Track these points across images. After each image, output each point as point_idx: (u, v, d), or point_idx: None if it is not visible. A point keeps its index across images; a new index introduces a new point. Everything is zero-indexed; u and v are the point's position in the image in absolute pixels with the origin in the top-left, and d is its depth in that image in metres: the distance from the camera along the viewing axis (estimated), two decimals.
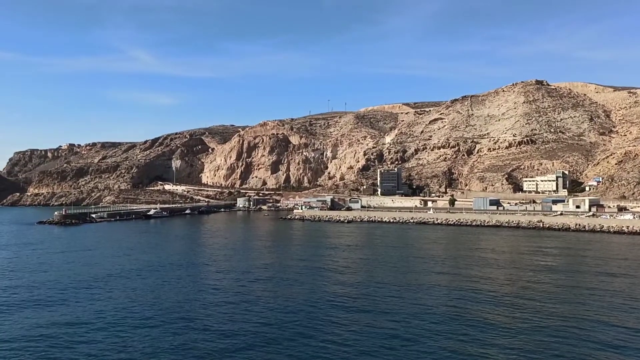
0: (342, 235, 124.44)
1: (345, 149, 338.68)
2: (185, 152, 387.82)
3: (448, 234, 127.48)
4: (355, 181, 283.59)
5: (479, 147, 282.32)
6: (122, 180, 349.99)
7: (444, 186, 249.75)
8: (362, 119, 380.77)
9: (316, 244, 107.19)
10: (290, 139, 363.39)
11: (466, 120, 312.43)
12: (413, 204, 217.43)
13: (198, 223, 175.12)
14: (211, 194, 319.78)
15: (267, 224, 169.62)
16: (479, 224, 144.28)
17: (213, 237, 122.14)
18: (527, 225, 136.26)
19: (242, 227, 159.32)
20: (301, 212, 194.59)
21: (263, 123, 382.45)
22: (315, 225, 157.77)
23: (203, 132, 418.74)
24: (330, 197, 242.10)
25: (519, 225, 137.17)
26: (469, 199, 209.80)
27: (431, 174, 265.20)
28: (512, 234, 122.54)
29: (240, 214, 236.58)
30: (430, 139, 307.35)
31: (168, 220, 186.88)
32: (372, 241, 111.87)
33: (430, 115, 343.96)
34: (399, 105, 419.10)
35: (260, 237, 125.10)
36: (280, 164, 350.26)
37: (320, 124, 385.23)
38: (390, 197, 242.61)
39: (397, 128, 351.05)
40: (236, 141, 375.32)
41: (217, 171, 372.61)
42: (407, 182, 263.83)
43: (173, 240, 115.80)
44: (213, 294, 55.84)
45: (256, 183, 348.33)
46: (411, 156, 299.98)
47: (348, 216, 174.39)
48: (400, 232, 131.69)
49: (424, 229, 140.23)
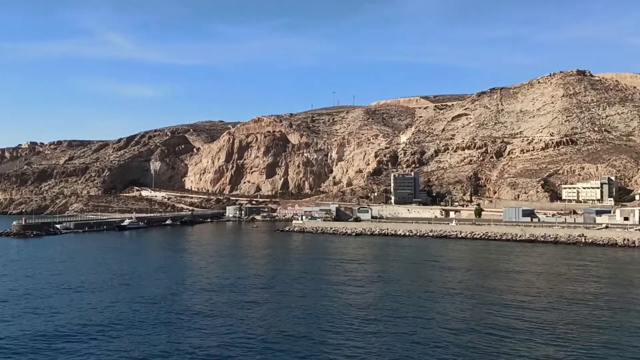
0: (349, 251, 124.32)
1: (353, 149, 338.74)
2: (166, 153, 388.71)
3: (473, 249, 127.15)
4: (365, 187, 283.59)
5: (510, 148, 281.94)
6: (92, 185, 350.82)
7: (468, 194, 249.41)
8: (373, 115, 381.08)
9: (319, 261, 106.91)
10: (289, 137, 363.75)
11: (495, 117, 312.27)
12: (432, 215, 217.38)
13: (180, 235, 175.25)
14: (196, 201, 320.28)
15: (262, 237, 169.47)
16: (510, 238, 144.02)
17: (197, 254, 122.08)
18: (566, 240, 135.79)
19: (231, 241, 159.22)
20: (301, 223, 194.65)
21: (257, 119, 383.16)
22: (318, 239, 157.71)
23: (187, 129, 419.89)
24: (335, 206, 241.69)
25: (557, 240, 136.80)
26: (498, 208, 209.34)
27: (454, 179, 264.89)
28: (548, 251, 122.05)
29: (230, 225, 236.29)
30: (453, 139, 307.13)
31: (145, 232, 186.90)
32: (385, 258, 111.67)
33: (453, 110, 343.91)
34: (416, 99, 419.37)
35: (253, 252, 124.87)
36: (277, 167, 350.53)
37: (324, 121, 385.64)
38: (406, 206, 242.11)
39: (414, 125, 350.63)
40: (225, 140, 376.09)
41: (203, 175, 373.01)
42: (426, 188, 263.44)
43: (150, 257, 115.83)
44: (199, 338, 52.69)
45: (249, 189, 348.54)
46: (430, 158, 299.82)
47: (356, 228, 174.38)
48: (417, 247, 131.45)
49: (445, 243, 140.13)
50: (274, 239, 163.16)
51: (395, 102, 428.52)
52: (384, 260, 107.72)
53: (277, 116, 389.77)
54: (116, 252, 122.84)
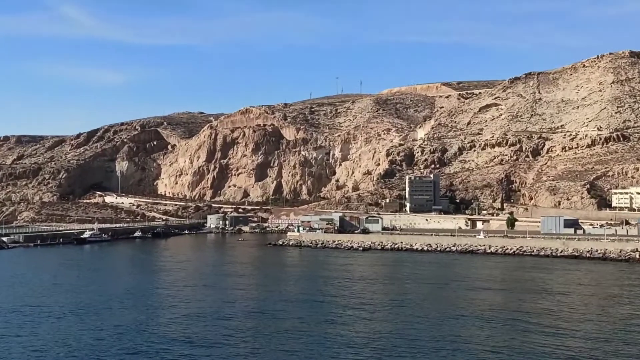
0: (355, 269, 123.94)
1: (360, 146, 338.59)
2: (134, 151, 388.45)
3: (505, 266, 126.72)
4: (375, 192, 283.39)
5: (549, 145, 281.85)
6: (46, 190, 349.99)
7: (499, 200, 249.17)
8: (384, 105, 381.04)
9: (319, 281, 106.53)
10: (283, 132, 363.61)
11: (531, 107, 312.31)
12: (456, 225, 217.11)
13: (152, 250, 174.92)
14: (171, 209, 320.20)
15: (250, 253, 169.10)
16: (550, 253, 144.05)
17: (172, 273, 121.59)
18: (617, 256, 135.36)
19: (214, 257, 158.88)
20: (298, 236, 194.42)
21: (245, 110, 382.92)
22: (318, 254, 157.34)
23: (160, 121, 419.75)
24: (339, 215, 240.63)
25: (606, 256, 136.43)
26: (534, 218, 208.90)
27: (482, 182, 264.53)
28: (596, 268, 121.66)
29: (212, 238, 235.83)
30: (481, 134, 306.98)
31: (110, 247, 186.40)
32: (399, 277, 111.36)
33: (481, 99, 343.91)
34: (436, 86, 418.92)
35: (240, 271, 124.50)
36: (269, 168, 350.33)
37: (326, 112, 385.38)
38: (424, 215, 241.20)
39: (434, 118, 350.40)
40: (207, 135, 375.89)
41: (180, 177, 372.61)
42: (448, 194, 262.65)
43: (115, 278, 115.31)
44: None
45: (234, 194, 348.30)
46: (454, 157, 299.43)
47: (364, 241, 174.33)
48: (438, 265, 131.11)
49: (471, 260, 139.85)
50: (264, 254, 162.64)
51: (411, 89, 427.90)
52: (398, 280, 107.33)
53: (269, 107, 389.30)
54: (74, 271, 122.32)
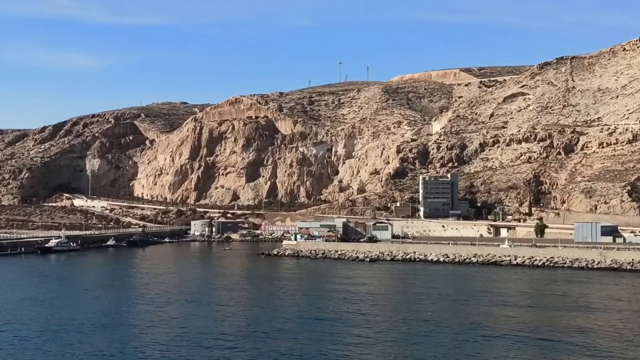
0: (361, 283, 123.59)
1: (367, 142, 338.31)
2: (107, 147, 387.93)
3: (534, 280, 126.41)
4: (384, 195, 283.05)
5: (584, 140, 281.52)
6: (5, 192, 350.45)
7: (526, 204, 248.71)
8: (394, 94, 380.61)
9: (319, 297, 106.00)
10: (279, 125, 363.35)
11: (564, 97, 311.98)
12: (477, 233, 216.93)
13: (127, 262, 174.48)
14: (149, 214, 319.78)
15: (240, 264, 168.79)
16: (585, 265, 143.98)
17: (150, 288, 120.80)
18: None
19: (197, 270, 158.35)
20: (295, 245, 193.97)
21: (234, 100, 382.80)
22: (318, 266, 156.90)
23: (137, 113, 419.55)
24: (342, 221, 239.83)
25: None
26: (567, 224, 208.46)
27: (506, 183, 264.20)
28: (638, 283, 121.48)
29: (197, 247, 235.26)
30: (506, 127, 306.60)
31: (78, 257, 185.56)
32: (412, 292, 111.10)
33: (506, 88, 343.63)
34: (454, 72, 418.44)
35: (229, 285, 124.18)
36: (262, 167, 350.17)
37: (327, 102, 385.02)
38: (440, 220, 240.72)
39: (452, 109, 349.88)
40: (190, 129, 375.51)
41: (159, 177, 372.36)
42: (468, 196, 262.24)
43: (83, 295, 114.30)
44: None
45: (222, 197, 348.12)
46: (474, 155, 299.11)
47: (371, 251, 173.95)
48: (456, 277, 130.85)
49: (494, 272, 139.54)
50: (256, 265, 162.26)
51: (426, 76, 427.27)
52: (411, 296, 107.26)
53: (262, 96, 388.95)
54: (36, 286, 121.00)
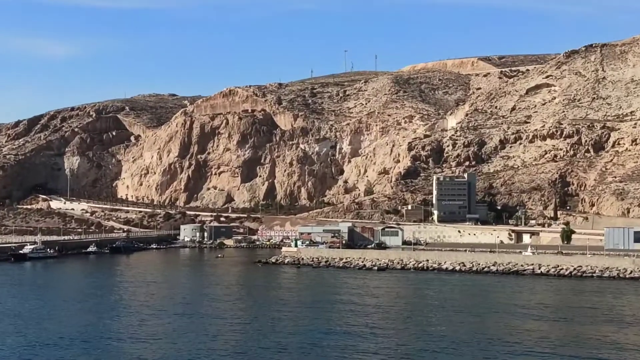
0: (368, 294, 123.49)
1: (375, 138, 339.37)
2: (88, 143, 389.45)
3: (560, 290, 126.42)
4: (393, 197, 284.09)
5: (615, 136, 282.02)
6: None
7: (551, 207, 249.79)
8: (405, 85, 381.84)
9: (322, 310, 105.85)
10: (277, 119, 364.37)
11: (593, 89, 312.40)
12: (497, 239, 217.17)
13: (110, 271, 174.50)
14: (134, 217, 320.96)
15: (234, 273, 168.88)
16: (616, 274, 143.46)
17: (136, 301, 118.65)
18: None
19: (187, 279, 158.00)
20: (295, 252, 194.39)
21: (228, 91, 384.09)
22: (321, 276, 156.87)
23: (121, 106, 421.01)
24: (347, 225, 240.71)
25: None
26: (597, 229, 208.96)
27: (529, 184, 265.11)
28: None
29: (187, 254, 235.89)
30: (529, 122, 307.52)
31: (56, 265, 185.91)
32: (425, 304, 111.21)
33: (529, 78, 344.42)
34: (472, 61, 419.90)
35: (219, 297, 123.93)
36: (259, 165, 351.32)
37: (331, 94, 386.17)
38: (456, 225, 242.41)
39: (469, 102, 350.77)
40: (180, 123, 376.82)
41: (146, 177, 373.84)
42: (487, 199, 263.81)
43: (60, 307, 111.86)
44: None
45: (215, 199, 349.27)
46: (494, 152, 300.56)
47: (380, 259, 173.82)
48: (473, 288, 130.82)
49: (516, 282, 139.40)
50: (252, 275, 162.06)
51: (440, 65, 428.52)
52: (424, 308, 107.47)
53: (259, 87, 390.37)
54: (10, 297, 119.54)
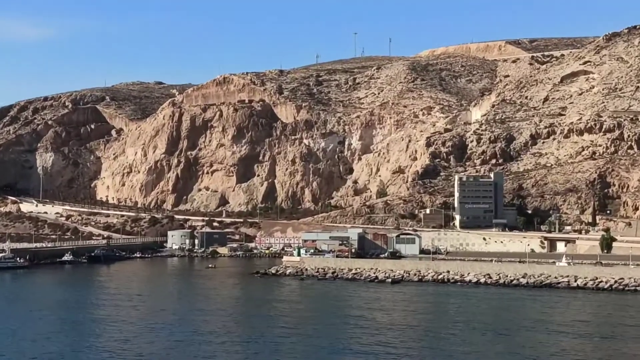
0: (381, 310, 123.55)
1: (389, 132, 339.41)
2: (63, 137, 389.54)
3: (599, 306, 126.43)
4: (410, 199, 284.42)
5: None
6: None
7: (589, 210, 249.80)
8: (423, 72, 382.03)
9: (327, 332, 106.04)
10: (278, 111, 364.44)
11: (637, 76, 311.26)
12: (527, 247, 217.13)
13: (87, 284, 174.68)
14: (116, 221, 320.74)
15: (229, 286, 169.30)
16: None
17: (116, 323, 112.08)
18: None
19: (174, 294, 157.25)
20: (298, 262, 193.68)
21: (223, 79, 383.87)
22: (327, 289, 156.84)
23: (100, 96, 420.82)
24: (357, 232, 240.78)
25: None
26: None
27: (564, 185, 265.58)
28: None
29: (175, 264, 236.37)
30: (564, 114, 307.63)
31: (26, 276, 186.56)
32: (443, 322, 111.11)
33: (564, 65, 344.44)
34: (499, 45, 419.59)
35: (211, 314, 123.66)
36: (257, 164, 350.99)
37: (339, 83, 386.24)
38: (481, 232, 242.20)
39: (496, 91, 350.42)
40: (167, 116, 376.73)
41: (129, 176, 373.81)
42: (516, 201, 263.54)
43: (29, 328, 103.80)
44: None
45: (207, 201, 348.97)
46: (523, 149, 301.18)
47: (394, 270, 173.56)
48: (500, 304, 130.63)
49: (549, 296, 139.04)
50: (249, 288, 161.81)
51: (463, 50, 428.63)
52: (444, 325, 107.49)
53: (257, 75, 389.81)
54: None
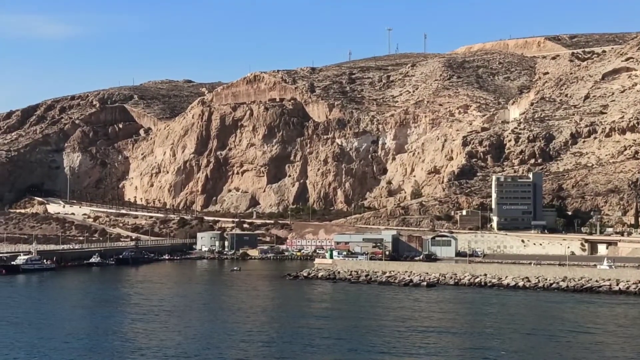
0: (416, 315, 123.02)
1: (423, 131, 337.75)
2: (91, 137, 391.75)
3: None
4: (446, 200, 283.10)
5: None
6: None
7: (632, 212, 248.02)
8: (459, 70, 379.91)
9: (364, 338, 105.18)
10: (310, 110, 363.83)
11: None
12: (567, 249, 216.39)
13: (115, 285, 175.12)
14: (144, 223, 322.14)
15: (259, 290, 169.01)
16: None
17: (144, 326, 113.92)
18: None
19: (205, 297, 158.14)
20: (330, 264, 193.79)
21: (253, 77, 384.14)
22: (360, 293, 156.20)
23: (129, 94, 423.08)
24: (391, 234, 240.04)
25: None
26: None
27: (606, 186, 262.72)
28: None
29: (204, 267, 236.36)
30: (605, 113, 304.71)
31: (53, 279, 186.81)
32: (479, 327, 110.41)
33: (605, 61, 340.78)
34: (538, 41, 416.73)
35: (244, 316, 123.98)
36: (289, 164, 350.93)
37: (372, 81, 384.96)
38: (519, 234, 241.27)
39: (535, 88, 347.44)
40: (197, 115, 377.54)
41: (157, 176, 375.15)
42: (556, 202, 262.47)
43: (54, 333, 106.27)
44: None
45: (237, 202, 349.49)
46: (563, 148, 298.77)
47: (429, 273, 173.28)
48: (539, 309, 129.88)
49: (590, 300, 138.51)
50: (280, 291, 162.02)
51: (501, 46, 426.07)
52: (481, 330, 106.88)
53: (288, 72, 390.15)
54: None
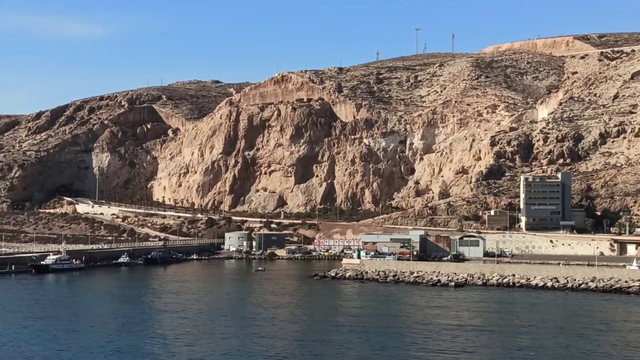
0: (445, 315, 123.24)
1: (451, 132, 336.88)
2: (119, 137, 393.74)
3: None
4: (474, 200, 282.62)
5: None
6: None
7: None
8: (487, 70, 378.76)
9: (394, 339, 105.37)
10: (337, 110, 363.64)
11: None
12: (596, 250, 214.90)
13: (144, 284, 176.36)
14: (172, 223, 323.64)
15: (287, 289, 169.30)
16: None
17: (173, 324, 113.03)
18: None
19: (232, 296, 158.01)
20: (358, 264, 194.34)
21: (281, 77, 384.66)
22: (388, 293, 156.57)
23: (157, 95, 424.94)
24: (419, 234, 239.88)
25: None
26: None
27: (635, 186, 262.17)
28: None
29: (232, 267, 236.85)
30: (635, 112, 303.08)
31: (82, 279, 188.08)
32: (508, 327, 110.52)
33: (635, 61, 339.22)
34: (567, 41, 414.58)
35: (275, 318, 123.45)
36: (316, 164, 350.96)
37: (400, 80, 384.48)
38: (548, 234, 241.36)
39: (564, 88, 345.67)
40: (224, 115, 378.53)
41: (185, 177, 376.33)
42: (584, 202, 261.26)
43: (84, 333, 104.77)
44: None
45: (265, 202, 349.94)
46: (592, 148, 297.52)
47: (457, 273, 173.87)
48: (568, 310, 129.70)
49: (619, 301, 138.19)
50: (308, 291, 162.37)
51: (529, 46, 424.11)
52: (510, 330, 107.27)
53: (316, 73, 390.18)
54: (21, 319, 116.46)
